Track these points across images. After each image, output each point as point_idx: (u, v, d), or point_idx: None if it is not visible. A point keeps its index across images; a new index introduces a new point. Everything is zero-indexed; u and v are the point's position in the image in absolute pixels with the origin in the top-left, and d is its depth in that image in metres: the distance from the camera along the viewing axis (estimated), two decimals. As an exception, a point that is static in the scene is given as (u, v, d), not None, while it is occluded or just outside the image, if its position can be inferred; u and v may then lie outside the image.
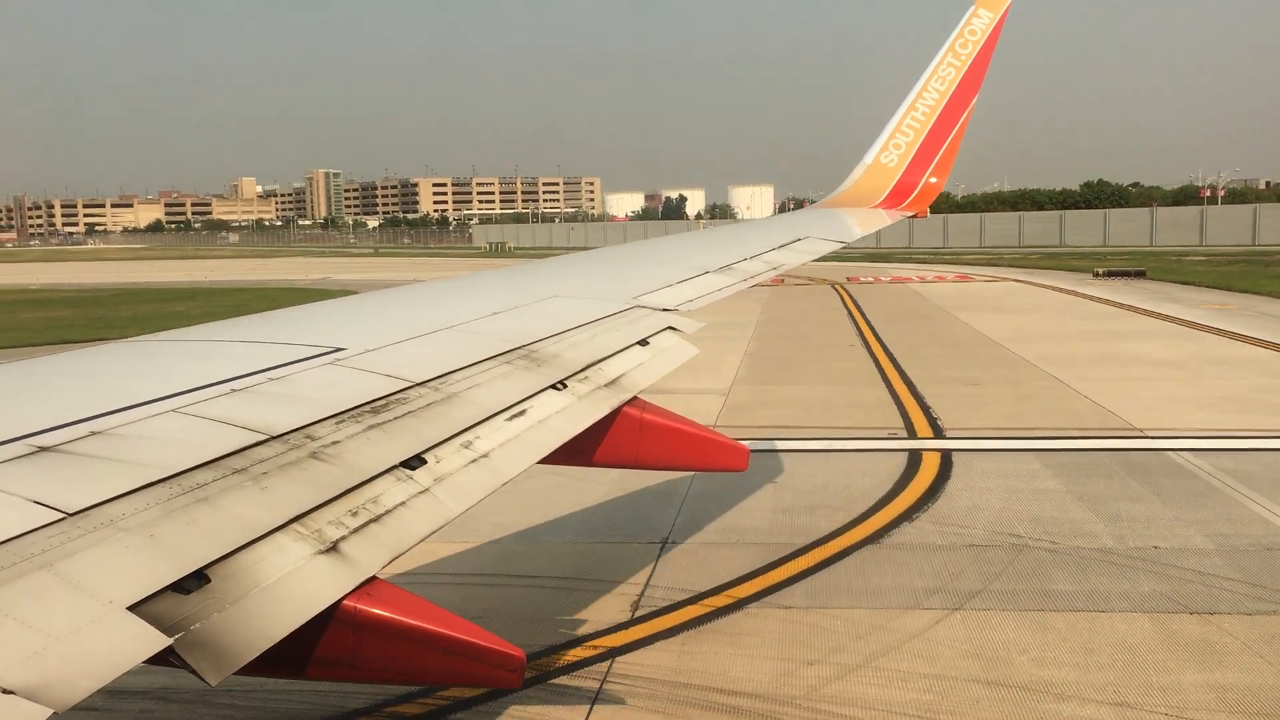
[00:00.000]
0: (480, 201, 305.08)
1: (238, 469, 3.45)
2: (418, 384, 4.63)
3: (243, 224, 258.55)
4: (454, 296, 7.52)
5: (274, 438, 3.73)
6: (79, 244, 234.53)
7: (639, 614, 9.62)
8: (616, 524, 12.59)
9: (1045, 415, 18.36)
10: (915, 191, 12.70)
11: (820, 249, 10.54)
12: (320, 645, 3.24)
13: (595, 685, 8.15)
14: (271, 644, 2.86)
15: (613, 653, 8.77)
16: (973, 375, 22.62)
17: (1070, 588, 9.99)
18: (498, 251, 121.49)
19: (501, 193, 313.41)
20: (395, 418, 4.23)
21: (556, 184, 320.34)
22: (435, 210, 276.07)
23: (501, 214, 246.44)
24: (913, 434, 17.18)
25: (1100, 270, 51.61)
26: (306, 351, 4.85)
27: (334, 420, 4.02)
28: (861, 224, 12.16)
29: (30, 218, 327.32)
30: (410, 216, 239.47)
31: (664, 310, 7.10)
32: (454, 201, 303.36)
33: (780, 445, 16.43)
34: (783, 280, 51.58)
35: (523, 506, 12.93)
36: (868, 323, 33.37)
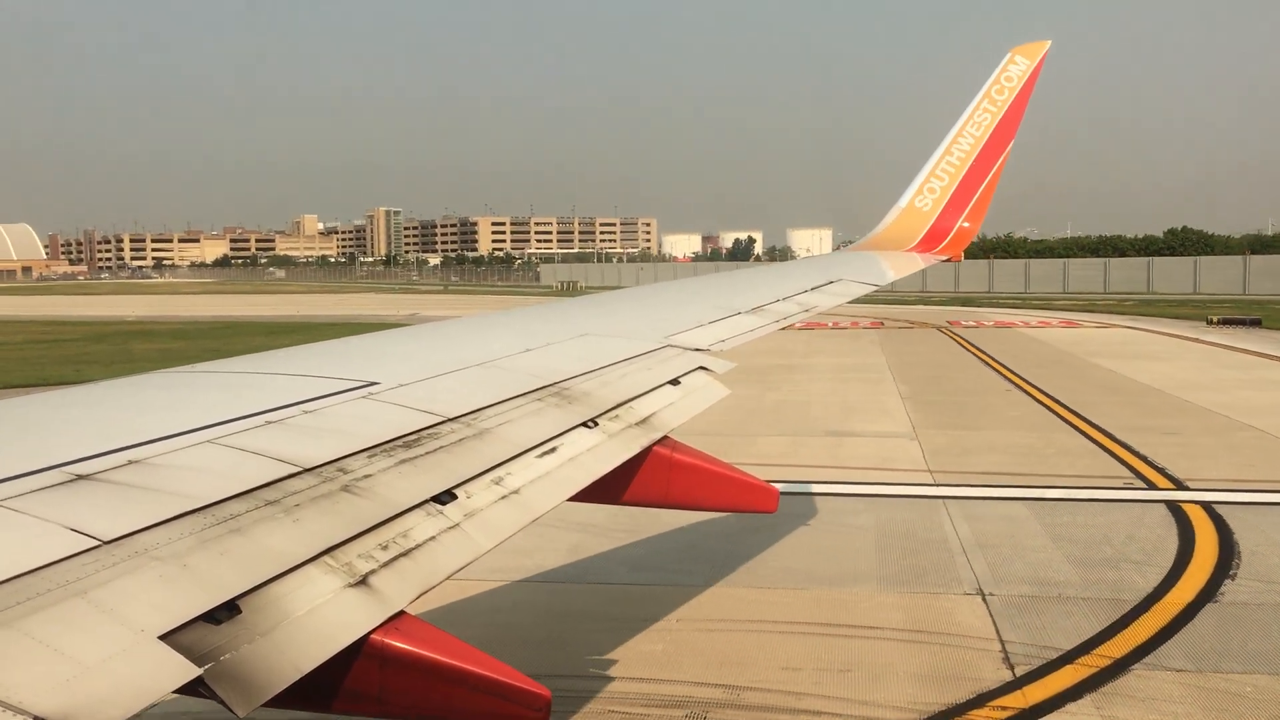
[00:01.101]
0: (538, 241, 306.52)
1: (270, 500, 3.47)
2: (450, 419, 4.65)
3: (309, 260, 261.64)
4: (486, 332, 7.56)
5: (306, 470, 3.75)
6: (147, 278, 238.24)
7: (1020, 672, 9.39)
8: (920, 570, 12.47)
9: (1276, 466, 18.13)
10: (949, 236, 12.68)
11: (854, 292, 10.52)
12: (348, 679, 3.23)
13: None
14: (300, 676, 2.86)
15: (1026, 716, 8.57)
16: (1161, 424, 22.00)
17: None
18: (569, 290, 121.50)
19: (559, 232, 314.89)
20: (427, 452, 4.24)
21: (614, 224, 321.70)
22: (494, 249, 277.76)
23: (565, 253, 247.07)
24: (1149, 484, 16.83)
25: (1214, 318, 50.42)
26: (340, 385, 4.88)
27: (366, 454, 4.04)
28: (895, 267, 12.13)
29: (99, 251, 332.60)
30: (470, 255, 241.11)
31: (696, 350, 7.10)
32: (512, 240, 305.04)
33: (1012, 494, 16.27)
34: (882, 323, 51.71)
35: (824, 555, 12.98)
36: (1005, 367, 32.63)
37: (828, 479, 17.52)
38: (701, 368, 6.76)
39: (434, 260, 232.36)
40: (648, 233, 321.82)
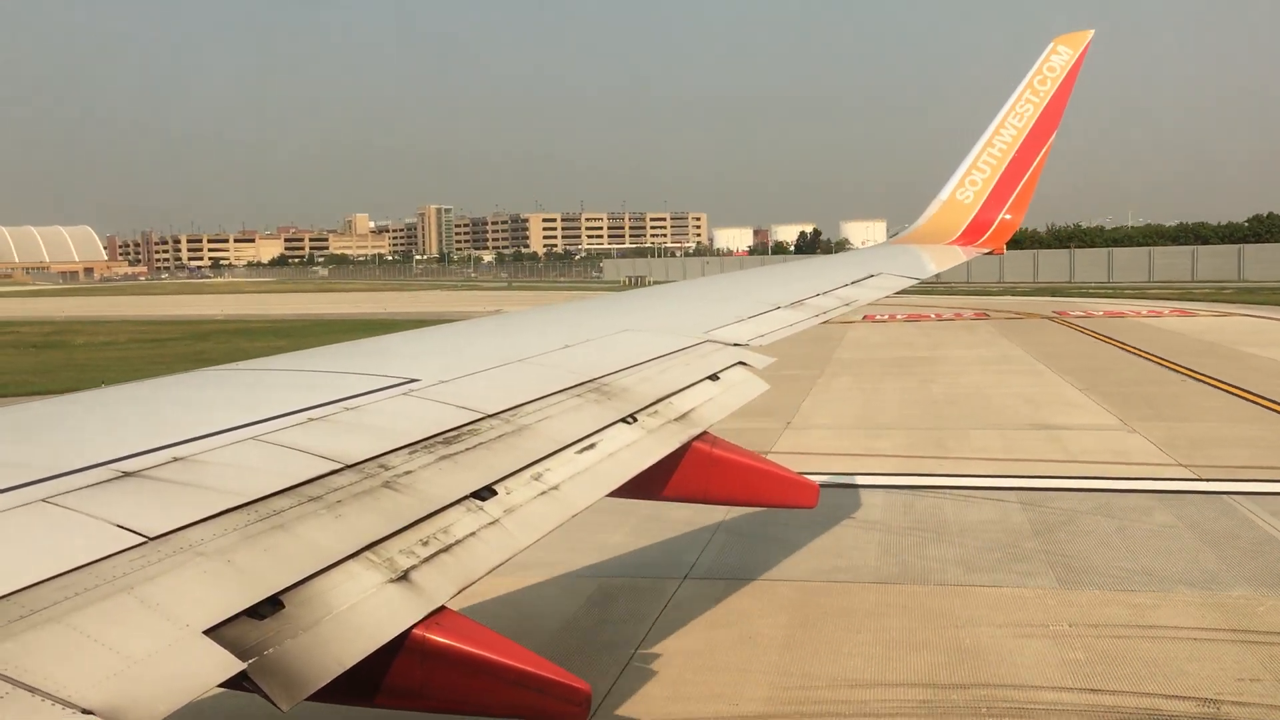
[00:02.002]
0: (589, 236, 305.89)
1: (313, 497, 3.50)
2: (489, 415, 4.67)
3: (365, 258, 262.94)
4: (526, 329, 7.59)
5: (348, 466, 3.79)
6: (205, 278, 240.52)
7: None
8: (1213, 573, 11.75)
9: None
10: (991, 228, 12.54)
11: (894, 285, 10.45)
12: (390, 673, 3.26)
13: None
14: (342, 670, 2.89)
15: None
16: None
17: None
18: (637, 285, 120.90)
19: (610, 228, 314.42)
20: (467, 449, 4.26)
21: (664, 219, 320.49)
22: (545, 245, 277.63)
23: (620, 249, 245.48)
24: None
25: None
26: (381, 382, 4.93)
27: (407, 450, 4.08)
28: (936, 260, 12.03)
29: (156, 251, 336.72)
30: (525, 251, 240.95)
31: (735, 345, 7.08)
32: (563, 236, 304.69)
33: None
34: (987, 314, 50.61)
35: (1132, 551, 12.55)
36: (1158, 357, 31.37)
37: (1083, 474, 16.73)
38: (740, 363, 6.75)
39: (487, 257, 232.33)
40: (698, 227, 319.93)
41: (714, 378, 6.31)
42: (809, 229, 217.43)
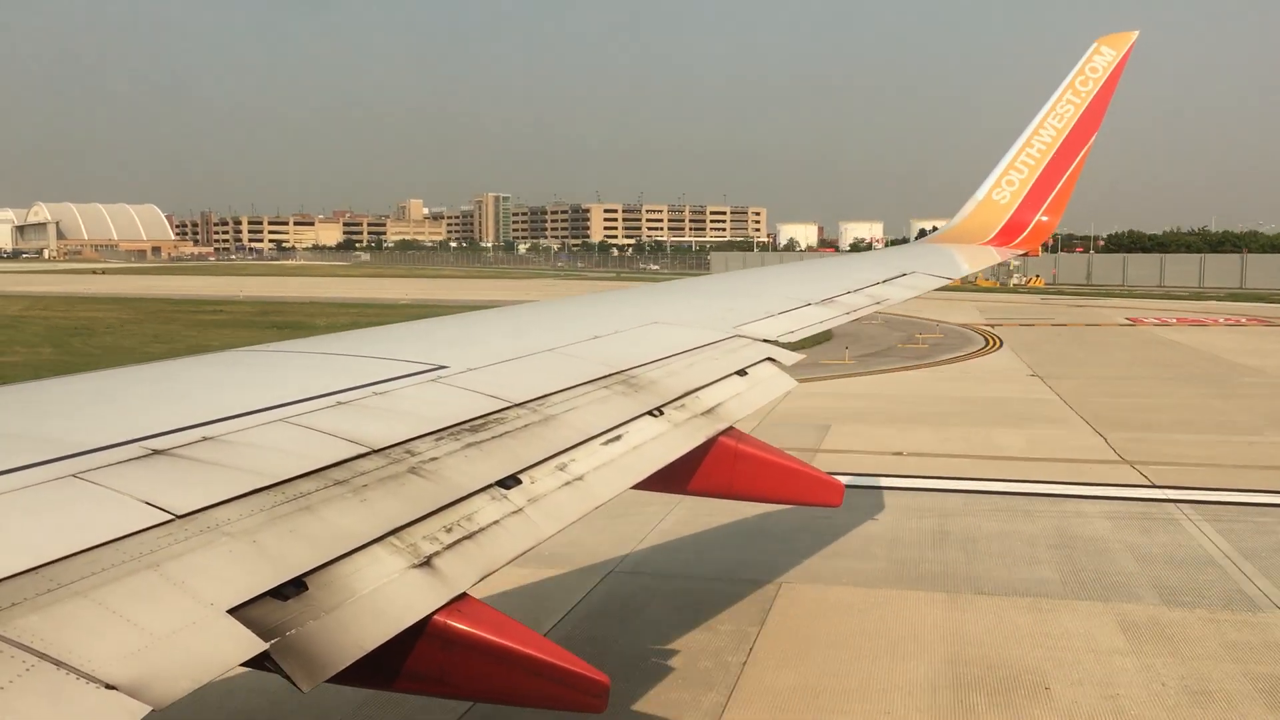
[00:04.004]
0: (649, 228, 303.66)
1: (339, 480, 3.52)
2: (516, 404, 4.68)
3: (433, 245, 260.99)
4: (555, 319, 7.59)
5: (375, 451, 3.80)
6: (274, 259, 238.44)
7: None
8: None
9: None
10: (1027, 230, 12.44)
11: (926, 285, 10.38)
12: (410, 658, 3.27)
13: None
14: (363, 654, 2.90)
15: None
16: None
17: None
18: None
19: (670, 220, 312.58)
20: (493, 437, 4.27)
21: (724, 212, 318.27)
22: (605, 236, 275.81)
23: (713, 242, 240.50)
24: None
25: None
26: (411, 368, 4.94)
27: (434, 437, 4.09)
28: (970, 261, 11.94)
29: (215, 233, 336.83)
30: (584, 241, 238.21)
31: (764, 341, 7.06)
32: (624, 227, 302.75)
33: None
34: (1241, 321, 49.23)
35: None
36: None
37: None
38: (769, 359, 6.73)
39: (544, 245, 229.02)
40: (757, 222, 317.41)
41: (742, 373, 6.30)
42: (879, 226, 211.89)
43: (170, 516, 2.98)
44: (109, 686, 2.31)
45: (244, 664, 2.66)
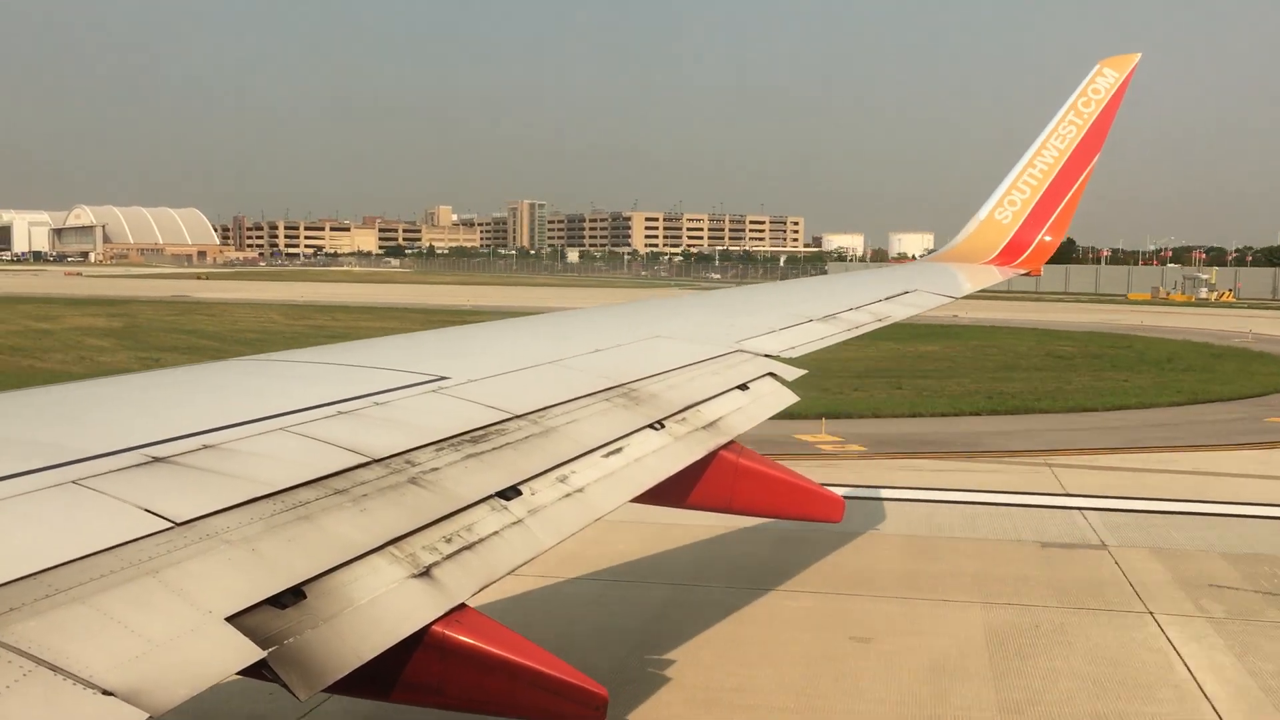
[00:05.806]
0: (690, 237, 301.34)
1: (339, 489, 3.52)
2: (517, 416, 4.68)
3: (478, 251, 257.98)
4: (557, 331, 7.60)
5: (375, 461, 3.80)
6: (321, 265, 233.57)
7: None
8: None
9: None
10: (1029, 249, 12.46)
11: (928, 303, 10.39)
12: (408, 669, 3.26)
13: None
14: (361, 664, 2.90)
15: None
16: None
17: None
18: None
19: (710, 229, 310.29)
20: (493, 448, 4.27)
21: (762, 221, 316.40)
22: (647, 244, 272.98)
23: (773, 251, 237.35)
24: None
25: None
26: (412, 378, 4.94)
27: (434, 447, 4.09)
28: (971, 280, 11.96)
29: (248, 237, 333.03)
30: (624, 250, 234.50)
31: (765, 356, 7.06)
32: (665, 236, 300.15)
33: None
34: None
35: None
36: None
37: None
38: (770, 374, 6.73)
39: (573, 255, 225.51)
40: (795, 231, 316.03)
41: (743, 388, 6.30)
42: (930, 237, 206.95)
43: (170, 524, 2.98)
44: (106, 693, 2.30)
45: (241, 672, 2.65)
